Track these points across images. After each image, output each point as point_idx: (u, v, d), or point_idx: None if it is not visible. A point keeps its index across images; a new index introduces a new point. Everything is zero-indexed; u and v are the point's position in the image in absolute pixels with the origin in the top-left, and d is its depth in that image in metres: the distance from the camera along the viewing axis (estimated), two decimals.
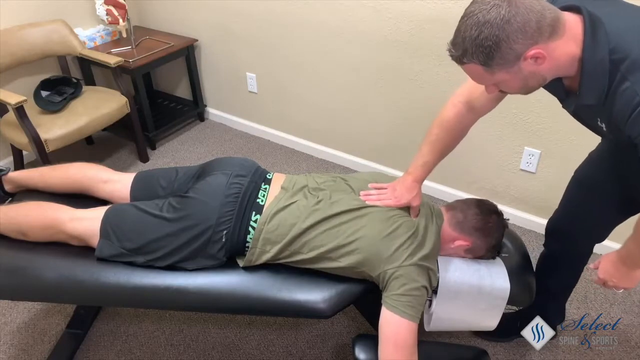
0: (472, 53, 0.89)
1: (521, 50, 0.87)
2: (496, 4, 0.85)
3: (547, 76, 0.94)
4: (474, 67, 0.92)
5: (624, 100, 0.87)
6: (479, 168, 2.23)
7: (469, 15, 0.88)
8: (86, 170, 1.59)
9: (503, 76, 0.92)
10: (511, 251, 1.47)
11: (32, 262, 1.37)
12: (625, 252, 1.16)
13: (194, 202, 1.35)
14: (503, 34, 0.85)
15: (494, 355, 1.67)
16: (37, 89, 2.32)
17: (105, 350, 1.72)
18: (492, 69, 0.91)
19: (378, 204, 1.34)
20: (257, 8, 2.51)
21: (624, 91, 0.86)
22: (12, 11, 2.42)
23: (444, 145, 1.33)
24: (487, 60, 0.89)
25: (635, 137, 0.88)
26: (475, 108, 1.24)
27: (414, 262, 1.23)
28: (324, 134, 2.70)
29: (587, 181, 1.37)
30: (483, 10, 0.86)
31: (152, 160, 2.77)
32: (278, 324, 1.82)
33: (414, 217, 1.34)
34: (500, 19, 0.84)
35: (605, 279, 1.22)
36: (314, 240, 1.29)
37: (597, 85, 0.91)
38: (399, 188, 1.36)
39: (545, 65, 0.90)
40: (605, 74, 0.89)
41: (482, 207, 1.38)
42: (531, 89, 0.98)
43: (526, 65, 0.89)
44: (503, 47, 0.86)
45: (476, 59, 0.89)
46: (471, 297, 1.32)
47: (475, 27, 0.86)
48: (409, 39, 2.12)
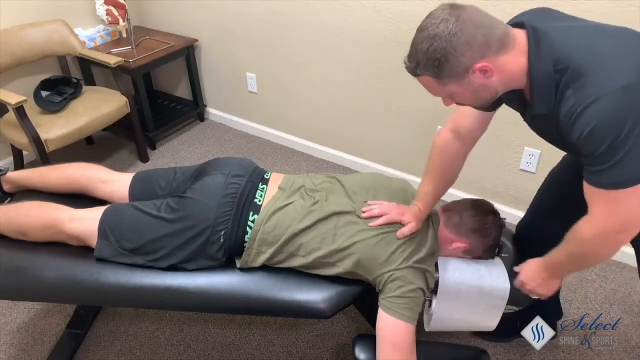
0: (424, 65, 0.93)
1: (469, 63, 0.91)
2: (444, 18, 0.90)
3: (498, 89, 0.98)
4: (427, 79, 0.96)
5: (566, 107, 0.91)
6: (479, 168, 2.23)
7: (421, 29, 0.93)
8: (85, 170, 1.59)
9: (454, 88, 0.96)
10: (511, 251, 1.47)
11: (32, 262, 1.37)
12: (551, 260, 1.18)
13: (191, 203, 1.35)
14: (450, 47, 0.89)
15: (494, 355, 1.67)
16: (37, 89, 2.32)
17: (105, 350, 1.72)
18: (443, 81, 0.94)
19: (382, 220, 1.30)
20: (257, 8, 2.51)
21: (567, 98, 0.91)
22: (12, 11, 2.42)
23: (444, 176, 1.33)
24: (437, 73, 0.93)
25: (576, 139, 0.91)
26: (461, 135, 1.26)
27: (409, 265, 1.23)
28: (324, 134, 2.70)
29: (558, 181, 1.40)
30: (433, 24, 0.90)
31: (152, 160, 2.77)
32: (278, 324, 1.82)
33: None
34: (447, 32, 0.89)
35: (525, 282, 1.24)
36: (310, 243, 1.29)
37: (546, 95, 0.95)
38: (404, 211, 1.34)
39: (495, 78, 0.94)
40: (551, 84, 0.93)
41: (478, 207, 1.38)
42: (485, 101, 1.02)
43: (475, 77, 0.93)
44: (451, 59, 0.90)
45: (428, 71, 0.93)
46: (471, 297, 1.32)
47: (427, 40, 0.91)
48: (409, 39, 2.08)
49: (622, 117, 0.86)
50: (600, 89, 0.86)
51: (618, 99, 0.85)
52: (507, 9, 1.81)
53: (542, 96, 0.96)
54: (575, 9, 1.69)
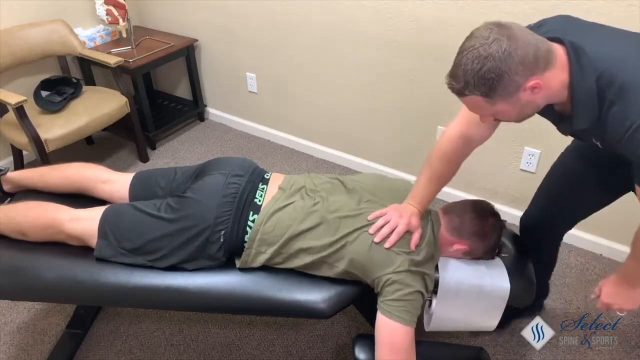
0: (475, 85, 0.92)
1: (521, 81, 0.91)
2: (497, 38, 0.89)
3: (540, 104, 0.99)
4: (475, 99, 0.95)
5: (615, 123, 0.92)
6: (479, 168, 2.23)
7: (469, 49, 0.91)
8: (85, 170, 1.59)
9: (503, 107, 0.96)
10: (511, 251, 1.47)
11: (32, 262, 1.37)
12: (625, 272, 1.19)
13: (191, 203, 1.34)
14: (505, 66, 0.89)
15: (494, 355, 1.67)
16: (37, 89, 2.32)
17: (105, 350, 1.72)
18: (494, 100, 0.94)
19: (394, 237, 1.26)
20: (257, 8, 2.51)
21: (614, 115, 0.92)
22: (12, 11, 2.42)
23: (446, 180, 1.34)
24: (489, 92, 0.92)
25: (632, 154, 0.93)
26: (472, 141, 1.26)
27: (406, 269, 1.22)
28: (324, 134, 2.70)
29: (564, 171, 1.43)
30: (484, 45, 0.89)
31: (152, 160, 2.77)
32: (278, 324, 1.82)
33: None
34: (502, 52, 0.88)
35: (609, 302, 1.24)
36: (309, 244, 1.28)
37: (588, 111, 0.96)
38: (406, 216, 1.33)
39: (541, 94, 0.95)
40: (594, 99, 0.94)
41: (479, 210, 1.37)
42: (526, 117, 1.03)
43: (524, 95, 0.94)
44: (505, 79, 0.90)
45: (478, 90, 0.92)
46: (471, 297, 1.32)
47: (478, 61, 0.89)
48: (409, 39, 2.11)
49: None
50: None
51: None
52: (506, 9, 1.81)
53: (585, 112, 0.97)
54: (576, 9, 1.69)
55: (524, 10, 1.77)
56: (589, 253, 2.09)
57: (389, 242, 1.24)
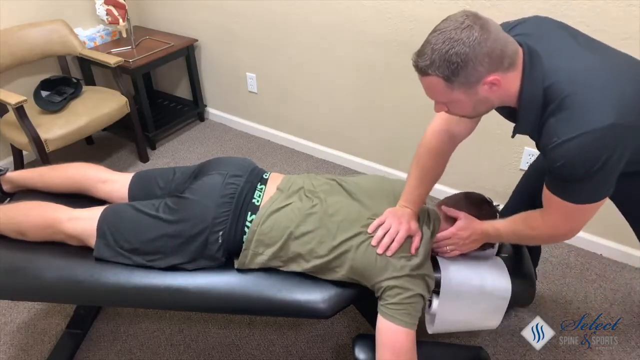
0: (439, 66, 0.93)
1: (484, 73, 0.92)
2: (470, 25, 0.90)
3: (495, 103, 1.01)
4: (435, 80, 0.95)
5: (547, 133, 0.96)
6: (479, 168, 2.23)
7: (441, 30, 0.92)
8: (85, 170, 1.59)
9: (460, 96, 0.97)
10: (511, 251, 1.47)
11: (32, 262, 1.37)
12: (494, 231, 1.23)
13: (189, 203, 1.34)
14: (472, 54, 0.90)
15: (493, 355, 1.67)
16: (37, 89, 2.32)
17: (105, 350, 1.72)
18: (453, 86, 0.95)
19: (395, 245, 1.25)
20: (257, 8, 2.51)
21: (549, 126, 0.95)
22: (12, 11, 2.42)
23: (436, 176, 1.34)
24: (450, 77, 0.93)
25: (549, 165, 0.97)
26: (454, 136, 1.27)
27: (407, 273, 1.21)
28: (324, 134, 2.70)
29: (535, 165, 1.50)
30: (457, 28, 0.90)
31: (152, 160, 2.77)
32: (278, 324, 1.82)
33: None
34: (472, 39, 0.89)
35: (455, 234, 1.28)
36: (308, 248, 1.28)
37: (531, 118, 1.00)
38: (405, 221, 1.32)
39: (497, 93, 0.96)
40: (538, 109, 0.97)
41: (472, 199, 1.40)
42: (478, 114, 1.05)
43: (483, 90, 0.95)
44: (470, 67, 0.91)
45: (441, 72, 0.93)
46: (473, 298, 1.32)
47: (447, 42, 0.91)
48: (409, 39, 2.11)
49: (594, 155, 0.91)
50: (579, 127, 0.90)
51: (593, 139, 0.90)
52: (505, 9, 1.80)
53: (527, 119, 1.01)
54: (575, 9, 1.69)
55: (524, 10, 1.77)
56: (589, 253, 2.09)
57: (390, 251, 1.23)
